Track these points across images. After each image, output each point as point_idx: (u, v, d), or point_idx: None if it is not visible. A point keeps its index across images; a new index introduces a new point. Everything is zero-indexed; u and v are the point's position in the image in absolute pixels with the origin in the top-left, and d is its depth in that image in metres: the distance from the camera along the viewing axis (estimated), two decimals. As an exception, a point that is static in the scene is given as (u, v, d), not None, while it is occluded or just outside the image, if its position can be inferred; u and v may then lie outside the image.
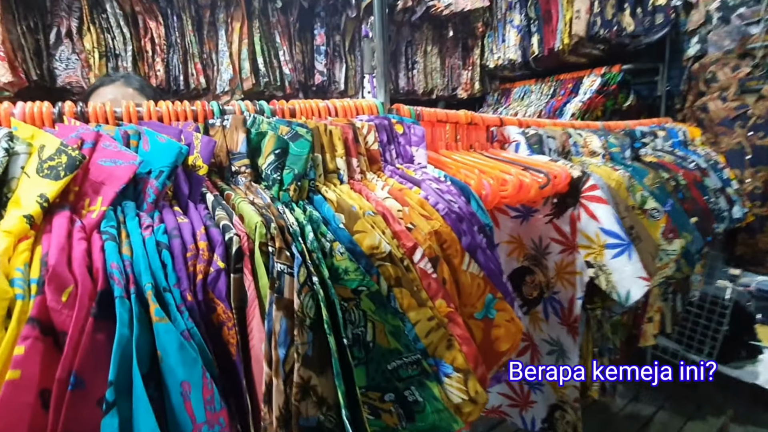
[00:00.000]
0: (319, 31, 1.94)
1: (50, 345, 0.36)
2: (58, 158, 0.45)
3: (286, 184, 0.58)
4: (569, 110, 2.09)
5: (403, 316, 0.56)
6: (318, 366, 0.46)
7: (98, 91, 1.09)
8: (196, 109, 0.65)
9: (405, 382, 0.56)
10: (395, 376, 0.55)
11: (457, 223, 0.65)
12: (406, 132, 0.81)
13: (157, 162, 0.52)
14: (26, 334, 0.35)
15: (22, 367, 0.34)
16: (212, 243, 0.47)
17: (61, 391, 0.35)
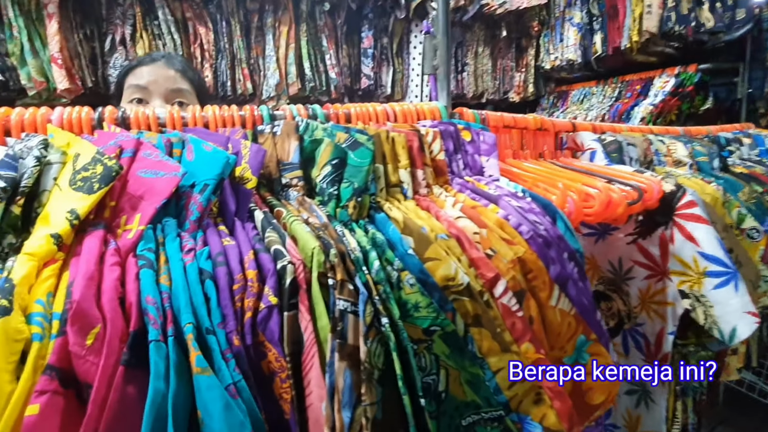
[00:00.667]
0: (367, 34, 1.87)
1: (72, 400, 0.30)
2: (92, 168, 0.39)
3: (345, 200, 0.50)
4: (638, 114, 1.90)
5: (482, 362, 0.46)
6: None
7: (136, 71, 0.96)
8: (245, 114, 0.58)
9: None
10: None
11: (544, 249, 0.55)
12: (475, 139, 0.71)
13: (202, 174, 0.45)
14: (42, 388, 0.28)
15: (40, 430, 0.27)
16: (262, 272, 0.39)
17: (80, 463, 0.28)
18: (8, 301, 0.29)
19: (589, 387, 0.55)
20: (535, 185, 0.70)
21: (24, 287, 0.31)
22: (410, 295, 0.43)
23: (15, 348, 0.28)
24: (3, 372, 0.27)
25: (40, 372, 0.28)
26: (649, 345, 0.95)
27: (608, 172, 0.87)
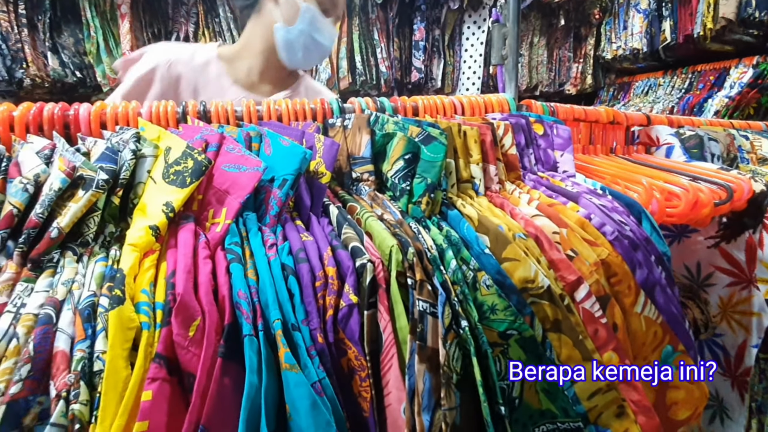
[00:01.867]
0: (419, 26, 1.85)
1: (176, 387, 0.31)
2: (184, 162, 0.40)
3: (417, 196, 0.49)
4: (712, 107, 1.75)
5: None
6: (468, 437, 0.36)
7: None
8: (315, 107, 0.58)
9: (557, 453, 0.43)
10: (545, 444, 0.43)
11: (630, 252, 0.51)
12: (548, 133, 0.67)
13: (281, 168, 0.45)
14: (153, 375, 0.29)
15: (150, 417, 0.28)
16: (341, 269, 0.39)
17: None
18: (121, 291, 0.30)
19: (674, 401, 0.51)
20: (614, 182, 0.66)
21: (130, 277, 0.32)
22: (487, 297, 0.42)
23: (128, 336, 0.29)
24: (119, 358, 0.28)
25: (150, 359, 0.30)
26: (729, 358, 0.87)
27: (690, 170, 0.81)
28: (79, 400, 0.28)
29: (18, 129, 0.44)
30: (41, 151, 0.40)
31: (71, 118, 0.47)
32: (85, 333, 0.29)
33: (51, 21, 1.56)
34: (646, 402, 0.46)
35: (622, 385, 0.45)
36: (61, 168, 0.36)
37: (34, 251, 0.34)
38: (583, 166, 0.74)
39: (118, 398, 0.27)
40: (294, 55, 0.87)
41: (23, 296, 0.32)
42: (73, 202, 0.36)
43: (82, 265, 0.34)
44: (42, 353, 0.29)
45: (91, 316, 0.30)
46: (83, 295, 0.32)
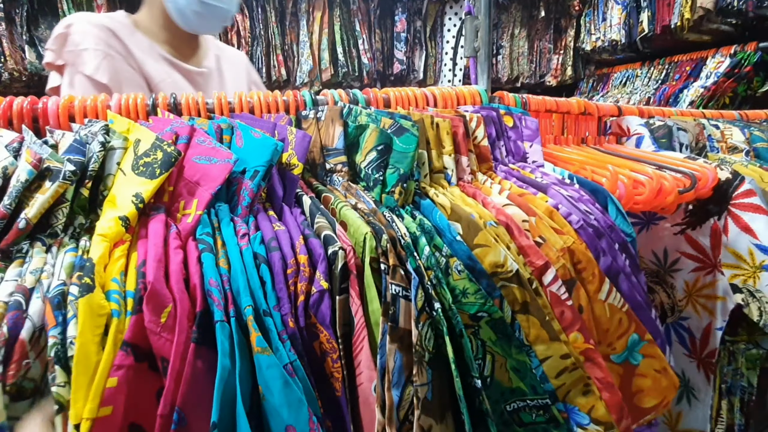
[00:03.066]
0: (400, 17, 1.85)
1: (143, 371, 0.32)
2: (153, 154, 0.41)
3: (390, 186, 0.50)
4: (687, 97, 1.80)
5: (529, 349, 0.45)
6: (438, 412, 0.37)
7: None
8: (288, 99, 0.59)
9: (527, 428, 0.46)
10: (515, 420, 0.45)
11: (594, 240, 0.53)
12: (517, 125, 0.69)
13: (252, 160, 0.46)
14: (120, 363, 0.30)
15: (114, 402, 0.29)
16: (313, 257, 0.40)
17: (164, 429, 0.30)
18: (90, 279, 0.31)
19: (639, 388, 0.53)
20: (581, 170, 0.68)
21: (100, 266, 0.32)
22: (458, 282, 0.43)
23: (99, 322, 0.30)
24: (90, 344, 0.29)
25: (119, 346, 0.30)
26: (695, 340, 0.91)
27: (657, 159, 0.83)
28: (57, 382, 0.29)
29: (-15, 122, 0.44)
30: (9, 145, 0.40)
31: (40, 111, 0.47)
32: (56, 320, 0.30)
33: (28, 14, 1.52)
34: (610, 379, 0.48)
35: (587, 364, 0.47)
36: (27, 160, 0.36)
37: (3, 242, 0.34)
38: (553, 155, 0.76)
39: (89, 382, 0.28)
40: (188, 21, 0.86)
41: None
42: (40, 194, 0.36)
43: (51, 255, 0.35)
44: (14, 338, 0.29)
45: (61, 304, 0.31)
46: (53, 284, 0.32)
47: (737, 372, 1.13)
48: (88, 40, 0.80)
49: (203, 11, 0.85)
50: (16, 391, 0.29)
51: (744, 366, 1.14)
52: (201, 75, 0.94)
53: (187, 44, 0.93)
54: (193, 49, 0.95)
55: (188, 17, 0.86)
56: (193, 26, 0.88)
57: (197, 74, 0.93)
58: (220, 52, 1.02)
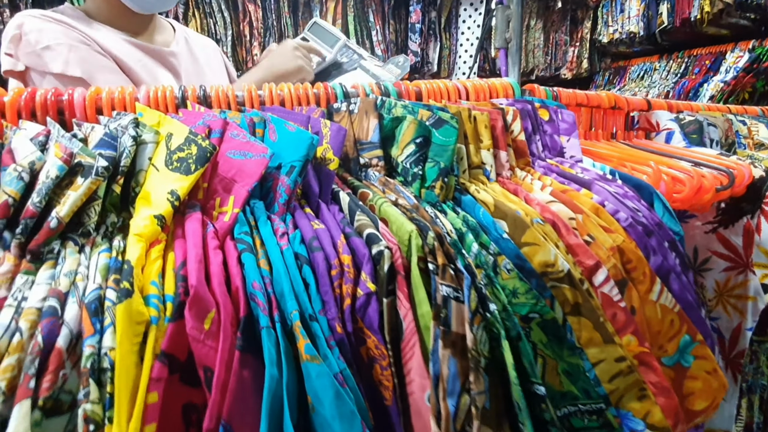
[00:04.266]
0: (415, 8, 1.81)
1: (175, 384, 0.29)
2: (187, 149, 0.38)
3: (430, 181, 0.48)
4: (707, 92, 1.75)
5: (581, 352, 0.43)
6: (496, 422, 0.35)
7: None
8: (318, 92, 0.56)
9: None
10: (566, 425, 0.43)
11: (644, 238, 0.50)
12: (553, 118, 0.66)
13: (288, 155, 0.43)
14: (158, 375, 0.28)
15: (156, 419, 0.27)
16: (357, 257, 0.37)
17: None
18: (129, 283, 0.28)
19: (690, 391, 0.51)
20: (620, 166, 0.65)
21: (138, 268, 0.30)
22: (508, 281, 0.41)
23: (137, 330, 0.27)
24: (129, 354, 0.27)
25: (157, 356, 0.28)
26: (724, 341, 0.88)
27: (692, 155, 0.80)
28: (90, 399, 0.27)
29: (9, 115, 0.42)
30: (35, 138, 0.38)
31: (65, 103, 0.44)
32: (94, 328, 0.28)
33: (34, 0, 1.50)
34: (666, 383, 0.45)
35: (641, 368, 0.45)
36: (57, 155, 0.34)
37: (33, 242, 0.32)
38: (588, 150, 0.73)
39: (131, 398, 0.26)
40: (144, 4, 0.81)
41: (24, 289, 0.30)
42: (72, 190, 0.34)
43: (85, 256, 0.33)
44: (50, 347, 0.27)
45: (98, 310, 0.29)
46: (89, 287, 0.30)
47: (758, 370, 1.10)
48: (47, 36, 0.73)
49: None
50: (52, 405, 0.27)
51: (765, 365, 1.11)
52: (172, 55, 0.88)
53: (148, 26, 0.87)
54: (155, 31, 0.89)
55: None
56: (145, 5, 0.82)
57: (168, 54, 0.87)
58: (187, 36, 0.97)
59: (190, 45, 0.94)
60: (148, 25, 0.87)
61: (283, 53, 0.85)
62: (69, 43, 0.73)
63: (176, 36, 0.93)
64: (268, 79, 0.81)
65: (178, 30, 0.95)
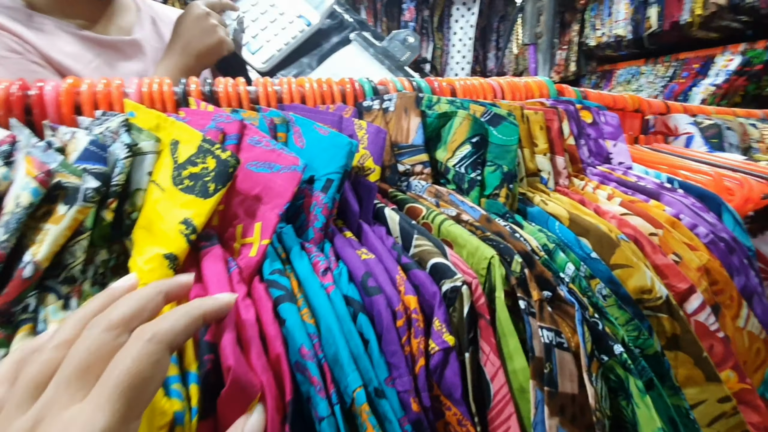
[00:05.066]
0: (408, 5, 1.74)
1: None
2: (202, 162, 0.29)
3: (493, 188, 0.40)
4: (698, 95, 1.76)
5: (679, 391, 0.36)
6: None
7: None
8: (344, 88, 0.48)
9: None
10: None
11: (727, 256, 0.44)
12: (597, 121, 0.59)
13: (321, 165, 0.35)
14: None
15: None
16: (424, 297, 0.29)
17: None
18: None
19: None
20: (671, 173, 0.59)
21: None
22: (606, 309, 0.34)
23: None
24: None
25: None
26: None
27: (725, 162, 0.76)
28: None
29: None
30: (-8, 147, 0.28)
31: (34, 99, 0.34)
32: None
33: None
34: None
35: (741, 407, 0.38)
36: (30, 173, 0.24)
37: (2, 298, 0.22)
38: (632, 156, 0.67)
39: None
40: None
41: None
42: (51, 223, 0.24)
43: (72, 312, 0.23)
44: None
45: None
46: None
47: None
48: None
49: None
50: None
51: None
52: (135, 45, 0.72)
53: (105, 10, 0.71)
54: (114, 14, 0.72)
55: None
56: None
57: (129, 45, 0.71)
58: (154, 14, 0.79)
59: (157, 25, 0.78)
60: (106, 9, 0.71)
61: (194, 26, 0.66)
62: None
63: (140, 17, 0.76)
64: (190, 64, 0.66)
65: (143, 8, 0.78)
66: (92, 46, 0.67)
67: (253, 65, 0.70)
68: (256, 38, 0.71)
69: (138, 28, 0.74)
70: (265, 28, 0.71)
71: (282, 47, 0.70)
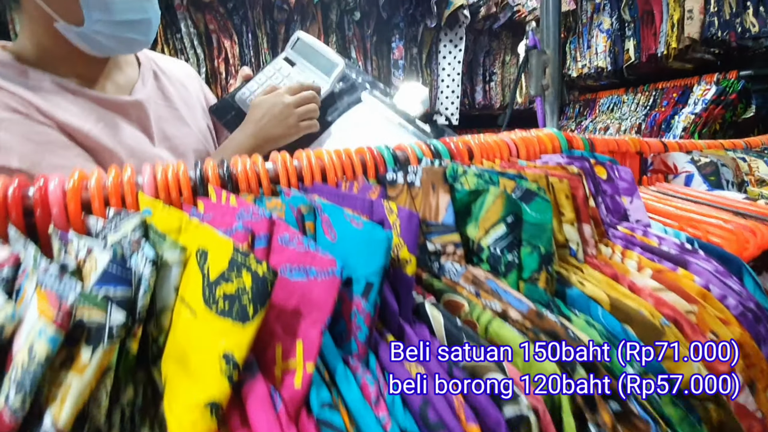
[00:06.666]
0: (398, 44, 1.76)
1: None
2: (236, 279, 0.26)
3: (530, 271, 0.38)
4: (679, 124, 1.82)
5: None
6: None
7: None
8: (364, 158, 0.46)
9: None
10: None
11: (754, 327, 0.43)
12: (611, 176, 0.59)
13: (359, 264, 0.32)
14: None
15: None
16: (485, 424, 0.27)
17: None
18: None
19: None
20: (689, 226, 0.59)
21: None
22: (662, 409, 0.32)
23: None
24: None
25: None
26: None
27: (728, 203, 0.77)
28: None
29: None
30: (-6, 271, 0.25)
31: (36, 199, 0.31)
32: None
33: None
34: None
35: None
36: (45, 314, 0.21)
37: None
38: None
39: None
40: (100, 46, 0.62)
41: None
42: (73, 373, 0.21)
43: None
44: None
45: None
46: None
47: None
48: None
49: (119, 32, 0.60)
50: None
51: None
52: (137, 106, 0.67)
53: (104, 67, 0.67)
54: (113, 70, 0.68)
55: (99, 43, 0.61)
56: (107, 50, 0.63)
57: (131, 105, 0.66)
58: (156, 67, 0.76)
59: (160, 81, 0.75)
60: (105, 66, 0.67)
61: (277, 114, 0.67)
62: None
63: (141, 71, 0.72)
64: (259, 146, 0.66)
65: (144, 62, 0.74)
66: (95, 105, 0.63)
67: None
68: None
69: (140, 86, 0.70)
70: None
71: None
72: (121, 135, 0.64)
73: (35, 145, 0.55)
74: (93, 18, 0.58)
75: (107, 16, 0.58)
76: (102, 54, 0.64)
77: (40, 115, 0.57)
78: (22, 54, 0.62)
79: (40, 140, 0.55)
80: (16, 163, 0.53)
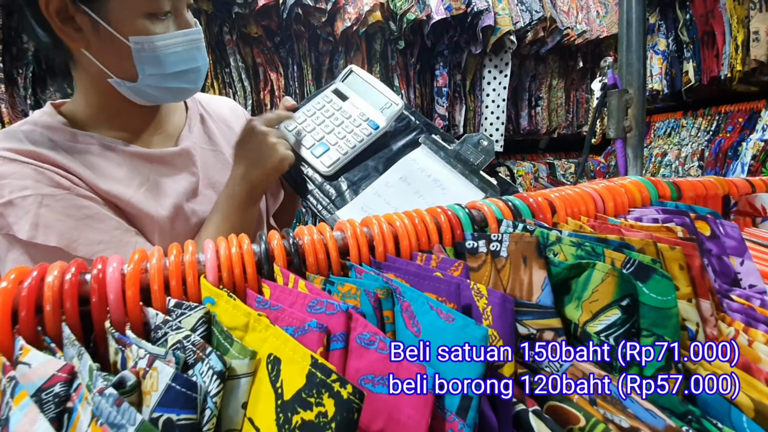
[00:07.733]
0: (441, 72, 1.73)
1: None
2: (316, 401, 0.22)
3: (653, 368, 0.31)
4: (748, 151, 1.67)
5: None
6: None
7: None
8: (439, 220, 0.41)
9: None
10: None
11: None
12: (716, 233, 0.51)
13: (452, 370, 0.27)
14: None
15: None
16: None
17: None
18: None
19: None
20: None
21: None
22: None
23: None
24: None
25: None
26: None
27: None
28: None
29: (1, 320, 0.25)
30: (48, 388, 0.21)
31: (93, 286, 0.28)
32: None
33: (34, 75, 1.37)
34: None
35: None
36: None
37: None
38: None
39: None
40: (153, 98, 0.62)
41: None
42: None
43: None
44: None
45: None
46: None
47: None
48: (9, 185, 0.52)
49: (170, 83, 0.60)
50: None
51: None
52: (184, 156, 0.67)
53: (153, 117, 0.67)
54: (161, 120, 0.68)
55: (150, 95, 0.61)
56: (157, 100, 0.64)
57: (178, 157, 0.66)
58: (203, 110, 0.75)
59: (206, 124, 0.74)
60: (154, 116, 0.68)
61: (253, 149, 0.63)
62: (39, 192, 0.53)
63: (189, 116, 0.72)
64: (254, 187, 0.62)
65: (191, 106, 0.74)
66: (141, 163, 0.63)
67: (318, 169, 0.65)
68: (321, 142, 0.66)
69: (186, 133, 0.70)
70: (330, 131, 0.67)
71: (348, 151, 0.65)
72: (167, 190, 0.63)
73: (75, 221, 0.55)
74: (146, 72, 0.59)
75: (160, 69, 0.59)
76: (152, 103, 0.65)
77: (83, 187, 0.57)
78: (75, 115, 0.63)
79: (80, 215, 0.55)
80: (54, 242, 0.53)
